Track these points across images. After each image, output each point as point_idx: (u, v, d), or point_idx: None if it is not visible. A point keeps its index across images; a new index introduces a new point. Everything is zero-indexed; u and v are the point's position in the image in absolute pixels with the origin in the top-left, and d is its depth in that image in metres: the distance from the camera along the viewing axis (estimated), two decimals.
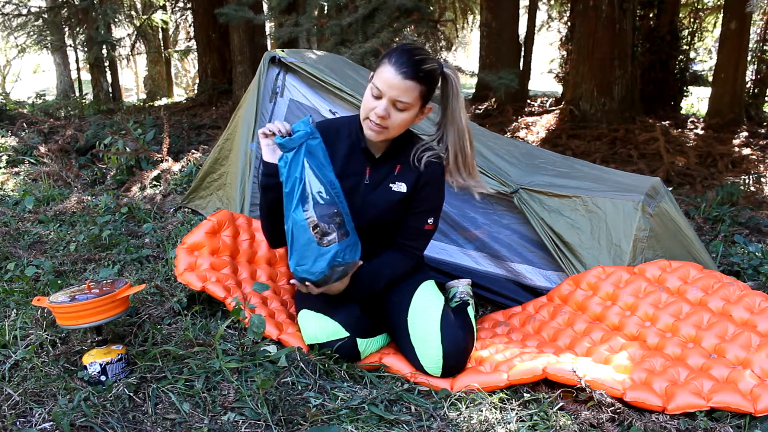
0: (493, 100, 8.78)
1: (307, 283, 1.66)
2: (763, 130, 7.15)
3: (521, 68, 9.37)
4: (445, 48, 4.78)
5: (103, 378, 1.56)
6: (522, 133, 6.87)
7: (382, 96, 1.62)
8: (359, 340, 1.73)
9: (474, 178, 1.77)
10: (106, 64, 10.38)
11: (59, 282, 2.23)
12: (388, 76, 1.60)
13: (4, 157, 4.54)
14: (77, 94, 11.54)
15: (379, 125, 1.65)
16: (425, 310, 1.76)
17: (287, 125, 1.64)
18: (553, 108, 8.12)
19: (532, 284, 2.30)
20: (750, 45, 8.05)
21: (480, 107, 8.60)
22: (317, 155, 1.62)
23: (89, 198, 3.50)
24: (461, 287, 2.13)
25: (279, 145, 1.60)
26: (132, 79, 18.58)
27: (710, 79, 8.75)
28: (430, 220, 1.83)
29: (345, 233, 1.62)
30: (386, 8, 4.01)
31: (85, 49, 9.54)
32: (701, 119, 7.93)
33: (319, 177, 1.59)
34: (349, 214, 1.67)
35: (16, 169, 4.33)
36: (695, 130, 7.21)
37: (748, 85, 8.26)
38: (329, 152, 1.70)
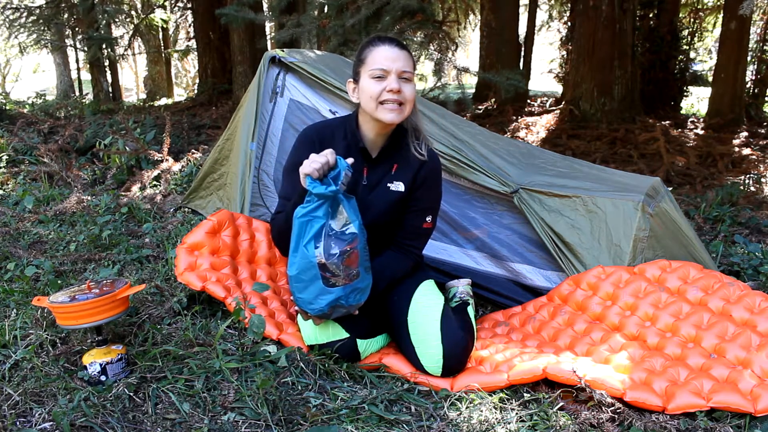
0: (493, 100, 8.78)
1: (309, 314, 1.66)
2: (763, 130, 7.15)
3: (521, 68, 9.37)
4: (449, 49, 4.76)
5: (103, 378, 1.56)
6: (522, 133, 6.87)
7: (387, 74, 1.65)
8: (359, 341, 1.73)
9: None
10: (106, 63, 10.39)
11: (59, 282, 2.23)
12: (387, 54, 1.65)
13: (4, 157, 4.54)
14: (77, 94, 11.54)
15: (397, 101, 1.65)
16: (425, 309, 1.76)
17: (332, 158, 1.55)
18: (553, 108, 8.12)
19: (532, 284, 2.30)
20: (750, 45, 8.05)
21: (480, 107, 8.59)
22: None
23: (89, 198, 3.50)
24: (461, 287, 2.14)
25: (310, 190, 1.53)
26: (132, 79, 18.59)
27: (710, 79, 8.74)
28: (429, 219, 1.83)
29: (355, 275, 1.59)
30: (390, 9, 4.01)
31: (85, 49, 9.54)
32: (701, 119, 7.93)
33: (348, 210, 1.57)
34: (367, 250, 1.63)
35: (16, 169, 4.33)
36: (695, 130, 7.21)
37: (748, 85, 8.25)
38: None
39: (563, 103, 7.93)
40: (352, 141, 1.77)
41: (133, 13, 11.14)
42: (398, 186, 1.79)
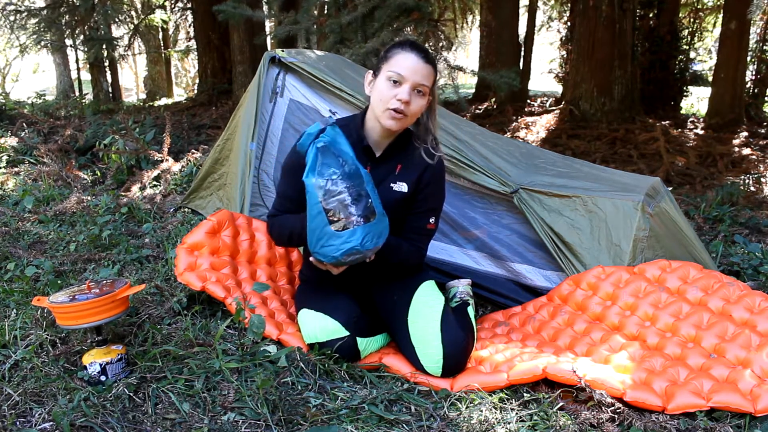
0: (493, 100, 8.78)
1: (350, 256, 1.59)
2: (763, 130, 7.15)
3: (521, 68, 9.37)
4: (446, 48, 4.77)
5: (103, 378, 1.56)
6: (522, 133, 6.87)
7: (403, 82, 1.64)
8: (359, 340, 1.73)
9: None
10: (106, 63, 10.38)
11: (59, 282, 2.23)
12: (410, 63, 1.64)
13: (4, 157, 4.54)
14: (77, 94, 11.53)
15: (401, 112, 1.65)
16: (425, 309, 1.76)
17: None
18: (553, 108, 8.12)
19: (532, 284, 2.30)
20: (750, 45, 8.04)
21: (480, 107, 8.59)
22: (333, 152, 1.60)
23: (89, 198, 3.50)
24: (461, 287, 2.14)
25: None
26: (132, 79, 18.57)
27: (710, 79, 8.74)
28: (432, 220, 1.84)
29: (370, 210, 1.58)
30: (386, 7, 4.00)
31: (85, 49, 9.52)
32: (701, 119, 7.93)
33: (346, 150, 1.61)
34: (377, 193, 1.64)
35: (16, 169, 4.33)
36: (695, 130, 7.21)
37: (748, 85, 8.25)
38: None
39: (563, 103, 7.93)
40: (356, 139, 1.77)
41: (133, 13, 11.13)
42: (401, 186, 1.78)
